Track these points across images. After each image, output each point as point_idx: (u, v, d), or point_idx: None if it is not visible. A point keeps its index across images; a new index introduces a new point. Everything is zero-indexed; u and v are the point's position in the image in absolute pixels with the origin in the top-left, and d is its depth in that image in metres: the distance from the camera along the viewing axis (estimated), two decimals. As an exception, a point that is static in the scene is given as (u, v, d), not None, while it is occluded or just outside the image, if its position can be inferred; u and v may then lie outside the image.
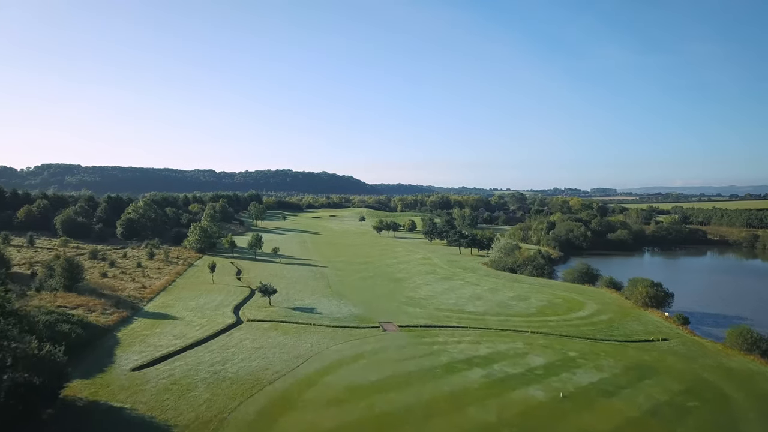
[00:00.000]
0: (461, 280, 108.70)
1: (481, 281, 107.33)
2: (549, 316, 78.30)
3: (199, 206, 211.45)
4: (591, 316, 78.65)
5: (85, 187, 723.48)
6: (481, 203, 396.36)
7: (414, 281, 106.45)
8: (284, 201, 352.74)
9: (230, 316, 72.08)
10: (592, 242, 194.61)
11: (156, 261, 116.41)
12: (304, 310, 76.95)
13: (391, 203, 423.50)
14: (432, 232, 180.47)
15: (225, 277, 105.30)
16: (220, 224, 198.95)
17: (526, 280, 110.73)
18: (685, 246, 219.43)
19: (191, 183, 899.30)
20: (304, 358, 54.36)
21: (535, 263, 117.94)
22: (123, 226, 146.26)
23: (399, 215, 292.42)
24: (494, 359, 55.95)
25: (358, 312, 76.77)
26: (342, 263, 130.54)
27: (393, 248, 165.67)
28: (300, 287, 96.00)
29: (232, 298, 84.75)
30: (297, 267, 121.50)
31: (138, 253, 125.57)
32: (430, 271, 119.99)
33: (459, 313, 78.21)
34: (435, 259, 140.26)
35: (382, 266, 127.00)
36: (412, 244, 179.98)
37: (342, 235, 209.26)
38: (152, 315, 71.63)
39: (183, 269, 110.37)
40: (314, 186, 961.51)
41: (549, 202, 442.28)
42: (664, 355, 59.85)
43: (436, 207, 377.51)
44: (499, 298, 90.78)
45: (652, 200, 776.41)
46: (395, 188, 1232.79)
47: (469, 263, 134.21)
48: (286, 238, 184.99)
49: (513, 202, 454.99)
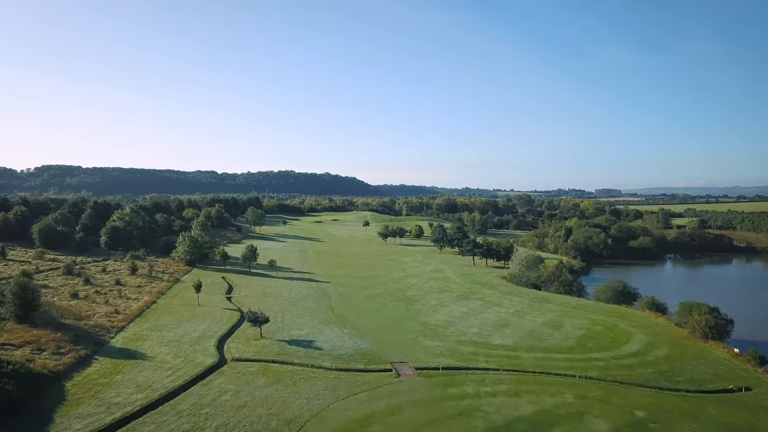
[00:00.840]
0: (480, 299, 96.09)
1: (503, 301, 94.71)
2: (593, 351, 65.61)
3: (194, 211, 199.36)
4: (644, 351, 65.90)
5: (85, 188, 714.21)
6: (489, 206, 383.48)
7: (428, 301, 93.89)
8: (285, 204, 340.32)
9: (212, 353, 59.75)
10: (612, 250, 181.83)
11: (138, 276, 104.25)
12: (301, 344, 64.60)
13: (396, 206, 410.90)
14: (442, 240, 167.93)
15: (213, 296, 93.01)
16: (216, 231, 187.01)
17: (553, 299, 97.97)
18: (709, 253, 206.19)
19: (193, 184, 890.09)
20: (298, 425, 41.95)
21: (562, 279, 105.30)
22: (107, 235, 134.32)
23: (404, 220, 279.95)
24: (543, 424, 43.42)
25: (366, 347, 64.30)
26: (345, 277, 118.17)
27: (401, 258, 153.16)
28: (298, 311, 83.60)
29: (218, 326, 72.51)
30: (296, 283, 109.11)
31: (120, 266, 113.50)
32: (445, 287, 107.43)
33: (486, 348, 65.62)
34: (448, 271, 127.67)
35: (391, 281, 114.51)
36: (420, 252, 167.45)
37: (345, 242, 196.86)
38: (117, 353, 59.36)
39: (167, 287, 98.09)
40: (317, 187, 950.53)
41: (559, 205, 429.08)
42: (757, 417, 47.15)
43: (443, 210, 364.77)
44: (529, 324, 78.14)
45: (658, 201, 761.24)
46: (398, 189, 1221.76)
47: (485, 277, 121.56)
48: (285, 247, 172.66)
49: (521, 205, 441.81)
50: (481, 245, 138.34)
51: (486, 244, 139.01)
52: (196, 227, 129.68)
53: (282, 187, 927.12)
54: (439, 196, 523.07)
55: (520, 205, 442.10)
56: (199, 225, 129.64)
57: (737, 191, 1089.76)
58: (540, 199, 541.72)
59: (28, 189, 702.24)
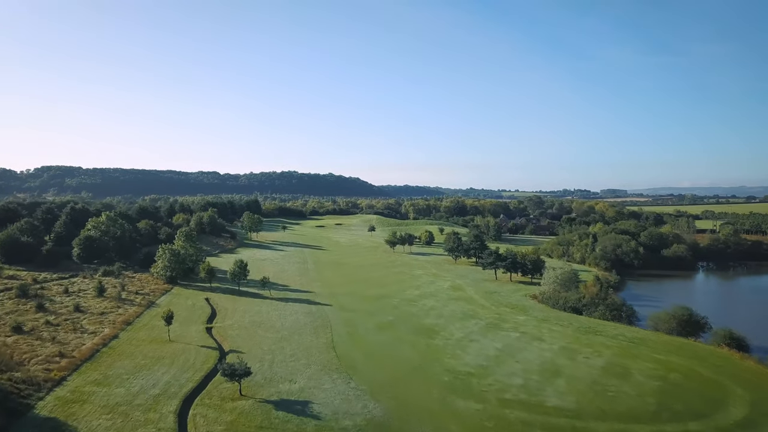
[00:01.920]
0: (514, 329, 79.29)
1: (542, 331, 77.84)
2: (686, 418, 48.65)
3: (185, 217, 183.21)
4: (753, 420, 48.92)
5: (85, 190, 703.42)
6: (500, 208, 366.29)
7: (451, 332, 77.18)
8: (286, 207, 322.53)
9: (168, 429, 43.33)
10: (644, 259, 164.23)
11: (105, 299, 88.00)
12: (293, 408, 48.08)
13: (402, 209, 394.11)
14: (457, 249, 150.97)
15: (190, 327, 76.62)
16: (207, 238, 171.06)
17: (603, 329, 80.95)
18: (743, 261, 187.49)
19: (195, 185, 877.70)
20: None
21: (609, 302, 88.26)
22: (80, 246, 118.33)
23: (412, 224, 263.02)
24: None
25: (379, 414, 47.67)
26: (350, 297, 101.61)
27: (412, 270, 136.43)
28: (291, 349, 67.02)
29: (188, 374, 56.17)
30: (292, 306, 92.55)
31: (88, 285, 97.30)
32: (468, 311, 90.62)
33: (540, 412, 48.83)
34: (468, 289, 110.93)
35: (404, 302, 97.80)
36: (433, 263, 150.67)
37: (350, 250, 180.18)
38: (36, 429, 42.99)
39: (136, 313, 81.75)
40: (320, 188, 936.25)
41: (571, 207, 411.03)
42: None
43: (451, 213, 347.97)
44: (585, 370, 61.20)
45: (666, 202, 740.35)
46: (402, 190, 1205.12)
47: (513, 297, 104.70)
48: (283, 257, 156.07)
49: (532, 207, 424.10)
50: (504, 257, 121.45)
51: (510, 255, 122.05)
52: (180, 237, 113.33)
53: (285, 188, 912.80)
54: (446, 198, 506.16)
55: (531, 207, 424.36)
56: (183, 235, 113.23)
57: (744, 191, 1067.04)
58: (549, 201, 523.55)
59: (27, 190, 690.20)
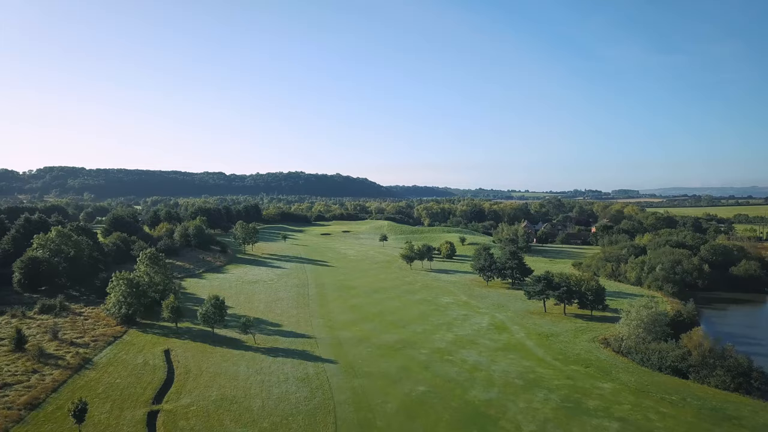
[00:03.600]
0: (605, 412, 53.00)
1: (649, 416, 51.53)
2: None
3: (169, 227, 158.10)
4: None
5: (87, 191, 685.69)
6: (521, 212, 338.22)
7: (516, 419, 51.06)
8: (289, 213, 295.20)
9: None
10: (709, 279, 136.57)
11: (21, 357, 62.95)
12: None
13: (414, 213, 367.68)
14: (489, 269, 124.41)
15: (125, 411, 51.18)
16: (192, 253, 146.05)
17: (735, 410, 54.34)
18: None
19: (200, 186, 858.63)
20: None
21: (730, 363, 61.68)
22: (22, 270, 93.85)
23: (428, 232, 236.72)
24: None
25: None
26: (362, 346, 75.57)
27: (438, 298, 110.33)
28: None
29: None
30: (280, 365, 66.59)
31: (8, 330, 72.25)
32: (528, 373, 64.36)
33: None
34: (516, 329, 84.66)
35: (436, 356, 71.57)
36: (461, 286, 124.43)
37: (360, 266, 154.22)
38: None
39: (56, 383, 56.34)
40: (328, 188, 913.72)
41: (592, 209, 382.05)
42: None
43: (468, 218, 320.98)
44: None
45: (683, 203, 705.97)
46: (411, 190, 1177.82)
47: (578, 343, 78.19)
48: (279, 278, 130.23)
49: (553, 210, 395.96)
50: (556, 284, 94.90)
51: (564, 281, 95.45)
52: (142, 261, 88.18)
53: (292, 189, 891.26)
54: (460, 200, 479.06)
55: (553, 210, 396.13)
56: (146, 258, 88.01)
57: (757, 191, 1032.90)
58: (569, 202, 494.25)
59: (28, 191, 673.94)
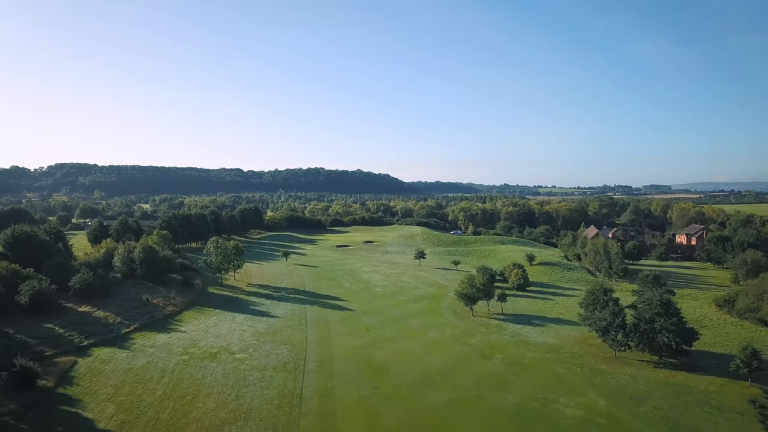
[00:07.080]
0: None
1: None
2: None
3: (110, 246, 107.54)
4: None
5: (98, 188, 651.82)
6: (577, 214, 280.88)
7: None
8: (297, 217, 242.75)
9: None
10: None
11: None
12: None
13: (447, 214, 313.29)
14: (619, 327, 70.40)
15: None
16: (136, 290, 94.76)
17: None
18: None
19: (216, 183, 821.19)
20: None
21: None
22: None
23: (475, 243, 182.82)
24: None
25: None
26: None
27: (548, 403, 56.91)
28: None
29: None
30: None
31: None
32: None
33: None
34: None
35: None
36: (571, 362, 70.68)
37: (391, 312, 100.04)
38: None
39: None
40: (348, 185, 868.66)
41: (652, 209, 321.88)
42: None
43: (515, 221, 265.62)
44: None
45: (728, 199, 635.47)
46: (434, 186, 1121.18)
47: None
48: (258, 343, 75.34)
49: (611, 211, 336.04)
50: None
51: None
52: None
53: (311, 186, 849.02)
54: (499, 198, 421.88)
55: (611, 210, 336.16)
56: None
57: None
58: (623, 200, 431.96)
59: (38, 189, 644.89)
